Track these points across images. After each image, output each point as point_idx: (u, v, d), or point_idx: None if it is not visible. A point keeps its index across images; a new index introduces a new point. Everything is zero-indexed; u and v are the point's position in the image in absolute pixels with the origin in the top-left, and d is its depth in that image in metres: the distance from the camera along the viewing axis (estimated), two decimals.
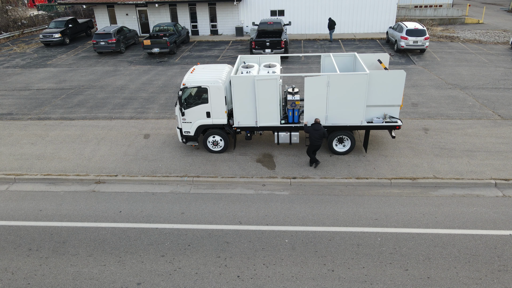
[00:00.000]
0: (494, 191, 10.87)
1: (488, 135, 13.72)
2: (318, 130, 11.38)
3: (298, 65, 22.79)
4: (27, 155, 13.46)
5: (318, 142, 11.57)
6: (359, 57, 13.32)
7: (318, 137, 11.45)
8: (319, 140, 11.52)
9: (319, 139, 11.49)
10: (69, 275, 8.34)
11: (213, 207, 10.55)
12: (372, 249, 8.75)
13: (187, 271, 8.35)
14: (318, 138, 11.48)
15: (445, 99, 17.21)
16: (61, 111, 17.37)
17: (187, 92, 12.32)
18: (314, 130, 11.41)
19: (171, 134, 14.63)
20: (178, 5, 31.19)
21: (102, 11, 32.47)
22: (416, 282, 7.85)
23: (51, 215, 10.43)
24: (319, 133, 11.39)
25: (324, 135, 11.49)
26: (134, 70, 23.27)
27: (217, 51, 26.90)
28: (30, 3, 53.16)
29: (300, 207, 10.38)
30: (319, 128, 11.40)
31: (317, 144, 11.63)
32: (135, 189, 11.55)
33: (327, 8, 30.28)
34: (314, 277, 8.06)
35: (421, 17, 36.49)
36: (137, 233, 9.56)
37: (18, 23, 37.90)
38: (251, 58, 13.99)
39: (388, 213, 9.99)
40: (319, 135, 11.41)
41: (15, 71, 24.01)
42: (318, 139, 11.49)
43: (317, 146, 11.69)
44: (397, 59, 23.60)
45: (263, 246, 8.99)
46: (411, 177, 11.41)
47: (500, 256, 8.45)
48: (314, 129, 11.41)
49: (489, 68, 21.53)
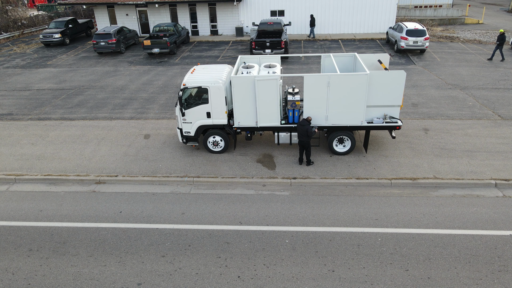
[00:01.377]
0: (494, 192, 10.88)
1: (488, 136, 13.72)
2: (303, 126, 11.42)
3: (298, 66, 22.79)
4: (27, 156, 13.46)
5: (301, 139, 11.60)
6: (359, 57, 13.32)
7: (301, 133, 11.49)
8: (303, 137, 11.54)
9: (302, 136, 11.51)
10: (69, 276, 8.34)
11: (213, 207, 10.55)
12: (372, 250, 8.76)
13: (188, 271, 8.36)
14: (301, 135, 11.51)
15: (445, 99, 17.21)
16: (61, 111, 17.37)
17: (187, 92, 12.33)
18: (300, 125, 11.48)
19: (171, 135, 14.64)
20: (178, 5, 31.20)
21: (102, 11, 32.48)
22: (416, 282, 7.85)
23: (51, 215, 10.43)
24: (303, 130, 11.42)
25: (308, 133, 11.42)
26: (134, 71, 23.27)
27: (217, 52, 26.91)
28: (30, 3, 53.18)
29: (300, 208, 10.38)
30: (304, 124, 11.43)
31: (301, 140, 11.67)
32: (136, 190, 11.55)
33: (327, 8, 30.30)
34: (314, 277, 8.06)
35: (421, 17, 36.51)
36: (138, 234, 9.56)
37: (18, 23, 37.89)
38: (251, 58, 13.99)
39: (388, 214, 10.00)
40: (302, 131, 11.44)
41: (15, 71, 24.01)
42: (301, 135, 11.52)
43: (302, 142, 11.70)
44: (397, 59, 23.61)
45: (264, 246, 8.99)
46: (411, 178, 11.42)
47: (501, 256, 8.45)
48: (301, 124, 11.49)
49: (489, 68, 21.54)
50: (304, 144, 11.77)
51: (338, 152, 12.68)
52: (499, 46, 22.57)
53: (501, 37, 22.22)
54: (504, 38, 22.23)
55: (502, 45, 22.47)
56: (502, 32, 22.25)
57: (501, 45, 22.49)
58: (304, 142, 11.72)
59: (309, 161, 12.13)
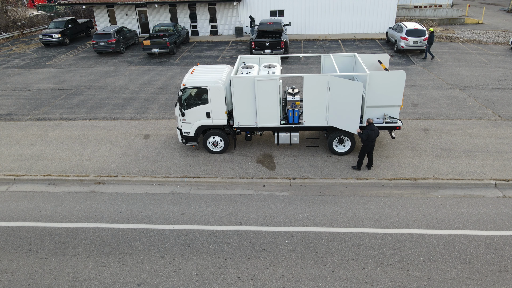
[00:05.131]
0: (494, 192, 10.87)
1: (488, 136, 13.72)
2: (374, 131, 11.30)
3: (298, 66, 22.78)
4: (27, 156, 13.44)
5: (373, 143, 11.52)
6: (359, 57, 13.31)
7: (375, 137, 11.39)
8: (374, 141, 11.46)
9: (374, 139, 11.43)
10: (69, 276, 8.32)
11: (213, 207, 10.54)
12: (372, 250, 8.75)
13: (187, 272, 8.34)
14: (374, 139, 11.42)
15: (445, 99, 17.21)
16: (60, 111, 17.36)
17: (187, 92, 12.32)
18: (371, 130, 11.27)
19: (171, 135, 14.62)
20: (178, 6, 31.18)
21: (101, 12, 32.45)
22: (416, 283, 7.84)
23: (51, 216, 10.42)
24: (376, 133, 11.34)
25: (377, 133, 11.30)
26: (134, 71, 23.25)
27: (217, 52, 26.90)
28: (30, 3, 53.13)
29: (300, 208, 10.37)
30: (373, 128, 11.26)
31: (372, 145, 11.59)
32: (135, 190, 11.54)
33: (327, 8, 30.29)
34: (314, 278, 8.05)
35: (421, 17, 36.51)
36: (137, 234, 9.55)
37: (18, 23, 37.88)
38: (251, 58, 13.98)
39: (388, 214, 9.99)
40: (376, 135, 11.38)
41: (14, 71, 23.99)
42: (374, 139, 11.44)
43: (371, 146, 11.62)
44: (397, 59, 23.60)
45: (263, 247, 8.98)
46: (411, 178, 11.41)
47: (501, 256, 8.45)
48: (371, 129, 11.26)
49: (489, 68, 21.54)
50: (372, 146, 11.46)
51: (338, 152, 12.67)
52: (429, 45, 23.06)
53: (430, 35, 22.76)
54: (432, 37, 22.81)
55: (431, 44, 23.04)
56: (432, 31, 22.81)
57: (430, 44, 23.05)
58: (373, 145, 11.43)
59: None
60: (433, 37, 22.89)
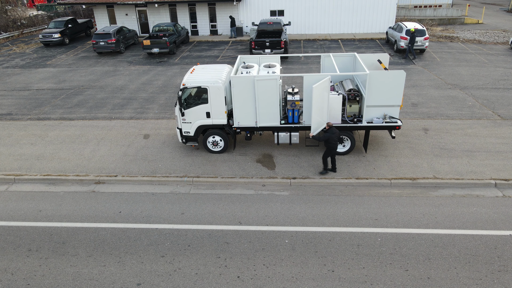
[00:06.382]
0: (494, 191, 10.87)
1: (488, 135, 13.72)
2: (334, 134, 11.31)
3: (298, 65, 22.78)
4: (27, 156, 13.44)
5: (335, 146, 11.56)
6: (359, 57, 13.31)
7: (336, 141, 11.41)
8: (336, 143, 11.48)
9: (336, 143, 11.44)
10: (68, 276, 8.32)
11: (213, 207, 10.54)
12: (372, 250, 8.75)
13: (187, 271, 8.34)
14: (336, 142, 11.43)
15: (445, 99, 17.21)
16: (60, 111, 17.35)
17: (187, 92, 12.31)
18: (332, 134, 11.30)
19: (171, 134, 14.62)
20: (177, 5, 31.18)
21: (101, 11, 32.45)
22: (416, 282, 7.84)
23: (50, 215, 10.42)
24: (336, 136, 11.35)
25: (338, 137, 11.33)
26: (134, 70, 23.25)
27: (217, 51, 26.90)
28: (30, 3, 53.13)
29: (300, 208, 10.37)
30: (334, 132, 11.29)
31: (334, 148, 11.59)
32: (135, 190, 11.54)
33: (327, 8, 30.29)
34: (314, 277, 8.05)
35: (421, 17, 36.51)
36: (137, 234, 9.55)
37: (18, 23, 37.87)
38: (251, 58, 13.98)
39: (388, 214, 9.99)
40: (336, 138, 11.39)
41: (14, 71, 23.99)
42: (336, 142, 11.45)
43: (334, 149, 11.61)
44: (396, 59, 23.60)
45: (263, 246, 8.98)
46: (411, 177, 11.41)
47: (500, 256, 8.45)
48: (332, 133, 11.29)
49: (489, 68, 21.54)
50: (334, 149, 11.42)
51: (337, 152, 12.66)
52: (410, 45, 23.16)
53: (411, 35, 22.87)
54: (414, 37, 22.90)
55: (413, 44, 23.13)
56: (413, 31, 22.89)
57: (412, 44, 23.13)
58: (335, 147, 11.39)
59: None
60: (415, 37, 23.04)
